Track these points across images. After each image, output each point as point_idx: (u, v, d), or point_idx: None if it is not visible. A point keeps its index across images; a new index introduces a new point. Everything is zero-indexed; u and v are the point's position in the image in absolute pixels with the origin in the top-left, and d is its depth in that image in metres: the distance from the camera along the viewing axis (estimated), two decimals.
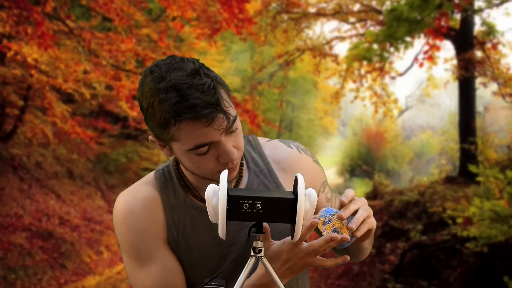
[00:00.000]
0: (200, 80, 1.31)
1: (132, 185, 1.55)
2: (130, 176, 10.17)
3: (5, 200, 7.68)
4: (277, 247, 1.35)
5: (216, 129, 1.32)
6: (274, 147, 1.57)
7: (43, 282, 7.05)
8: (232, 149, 1.37)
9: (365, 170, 13.13)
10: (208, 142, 1.34)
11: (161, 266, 1.47)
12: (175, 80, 1.31)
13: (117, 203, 1.52)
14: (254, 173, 1.52)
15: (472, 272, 6.92)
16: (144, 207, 1.48)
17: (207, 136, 1.33)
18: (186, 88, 1.30)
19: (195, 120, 1.30)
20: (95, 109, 9.39)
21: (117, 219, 1.50)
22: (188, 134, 1.33)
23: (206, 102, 1.30)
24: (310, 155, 1.60)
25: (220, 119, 1.32)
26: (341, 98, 11.14)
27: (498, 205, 6.65)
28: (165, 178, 1.52)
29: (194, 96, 1.30)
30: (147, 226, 1.48)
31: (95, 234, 8.27)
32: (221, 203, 1.22)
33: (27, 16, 6.98)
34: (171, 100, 1.30)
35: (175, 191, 1.50)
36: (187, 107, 1.30)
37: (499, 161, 8.21)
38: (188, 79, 1.31)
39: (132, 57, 8.11)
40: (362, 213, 1.34)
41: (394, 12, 8.84)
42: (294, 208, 1.24)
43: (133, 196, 1.50)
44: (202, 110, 1.29)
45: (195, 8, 8.16)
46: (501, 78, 9.37)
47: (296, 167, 1.54)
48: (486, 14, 9.40)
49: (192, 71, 1.32)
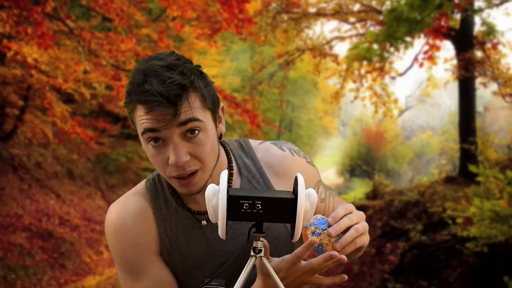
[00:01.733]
0: (170, 74, 1.33)
1: (123, 196, 1.54)
2: (130, 176, 10.16)
3: (5, 200, 7.68)
4: (275, 265, 1.33)
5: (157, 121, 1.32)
6: (266, 150, 1.55)
7: (43, 282, 7.05)
8: (182, 152, 1.34)
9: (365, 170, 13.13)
10: (155, 127, 1.33)
11: (154, 279, 1.46)
12: (149, 66, 1.34)
13: (108, 215, 1.50)
14: (246, 178, 1.51)
15: (472, 272, 6.93)
16: (135, 220, 1.47)
17: (153, 123, 1.33)
18: (152, 75, 1.32)
19: (141, 103, 1.33)
20: (95, 109, 9.39)
21: (109, 232, 1.49)
22: (139, 116, 1.35)
23: (158, 92, 1.30)
24: (303, 156, 1.57)
25: (164, 113, 1.31)
26: (341, 98, 11.14)
27: (498, 205, 6.65)
28: (156, 188, 1.51)
29: (152, 83, 1.31)
30: (139, 239, 1.46)
31: (95, 234, 8.27)
32: (221, 203, 1.22)
33: (27, 16, 6.98)
34: (134, 80, 1.34)
35: (167, 201, 1.49)
36: (140, 90, 1.32)
37: (499, 161, 8.21)
38: (160, 69, 1.33)
39: (132, 57, 8.10)
40: (351, 233, 1.31)
41: (394, 12, 8.84)
42: (294, 208, 1.24)
43: (124, 208, 1.49)
44: (148, 96, 1.31)
45: (195, 8, 8.16)
46: (501, 78, 9.37)
47: (289, 171, 1.52)
48: (486, 14, 9.41)
49: (170, 64, 1.34)
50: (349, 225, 1.32)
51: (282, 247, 1.50)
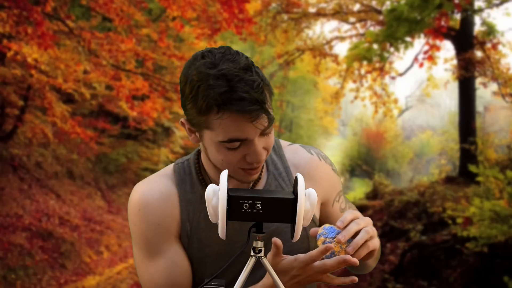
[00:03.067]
0: (251, 76, 1.32)
1: (150, 176, 1.55)
2: (130, 176, 10.16)
3: (5, 200, 7.68)
4: (287, 263, 1.34)
5: (256, 127, 1.33)
6: (295, 151, 1.58)
7: (43, 282, 7.05)
8: (262, 151, 1.38)
9: (365, 170, 13.13)
10: (243, 138, 1.34)
11: (169, 261, 1.47)
12: (227, 70, 1.31)
13: (133, 193, 1.51)
14: (273, 175, 1.53)
15: (472, 272, 6.93)
16: (159, 200, 1.48)
17: (244, 132, 1.33)
18: (236, 80, 1.30)
19: (239, 113, 1.30)
20: (95, 109, 9.39)
21: (132, 210, 1.49)
22: (226, 126, 1.33)
23: (254, 98, 1.30)
24: (329, 163, 1.60)
25: (262, 119, 1.33)
26: (341, 98, 11.14)
27: (498, 205, 6.65)
28: (184, 172, 1.52)
29: (243, 89, 1.30)
30: (161, 220, 1.48)
31: (95, 234, 8.27)
32: (221, 203, 1.22)
33: (27, 16, 6.98)
34: (219, 88, 1.30)
35: (193, 186, 1.50)
36: (235, 99, 1.30)
37: (499, 161, 8.21)
38: (240, 72, 1.31)
39: (132, 57, 8.10)
40: (362, 236, 1.32)
41: (394, 12, 8.84)
42: (294, 208, 1.24)
43: (150, 188, 1.50)
44: (248, 105, 1.30)
45: (195, 8, 8.16)
46: (501, 78, 9.37)
47: (315, 174, 1.54)
48: (486, 14, 9.41)
49: (245, 65, 1.33)
50: (357, 229, 1.33)
51: (298, 248, 1.50)
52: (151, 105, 8.21)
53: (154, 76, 8.57)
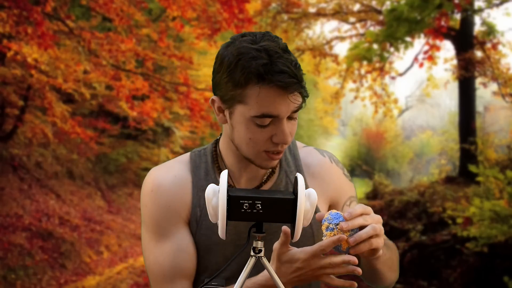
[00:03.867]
0: (290, 56, 1.37)
1: (166, 162, 1.59)
2: (130, 176, 10.16)
3: (5, 200, 7.68)
4: (293, 254, 1.35)
5: (291, 103, 1.36)
6: (308, 152, 1.61)
7: (43, 282, 7.04)
8: (289, 133, 1.40)
9: (365, 170, 13.12)
10: (275, 114, 1.36)
11: (175, 245, 1.49)
12: (268, 46, 1.36)
13: (148, 175, 1.55)
14: (284, 172, 1.55)
15: (472, 272, 6.93)
16: (173, 184, 1.51)
17: (277, 107, 1.36)
18: (277, 56, 1.35)
19: (277, 85, 1.34)
20: (95, 109, 9.39)
21: (145, 191, 1.53)
22: (262, 98, 1.35)
23: (293, 73, 1.34)
24: (341, 168, 1.62)
25: (298, 96, 1.37)
26: (341, 98, 11.14)
27: (498, 205, 6.65)
28: (200, 159, 1.55)
29: (284, 64, 1.34)
30: (172, 203, 1.50)
31: (95, 234, 8.27)
32: (221, 203, 1.22)
33: (27, 16, 6.97)
34: (262, 60, 1.34)
35: (207, 173, 1.53)
36: (276, 71, 1.33)
37: (499, 161, 8.21)
38: (280, 51, 1.36)
39: (132, 57, 8.10)
40: (367, 231, 1.30)
41: (394, 12, 8.83)
42: (294, 208, 1.24)
43: (165, 171, 1.54)
44: (288, 78, 1.34)
45: (195, 8, 8.16)
46: (501, 78, 9.37)
47: (325, 175, 1.57)
48: (486, 14, 9.41)
49: (284, 47, 1.38)
50: (363, 224, 1.30)
51: (306, 241, 1.49)
52: (151, 105, 8.21)
53: (154, 76, 8.57)
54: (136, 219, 9.00)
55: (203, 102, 8.29)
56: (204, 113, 8.38)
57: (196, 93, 8.50)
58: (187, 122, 9.58)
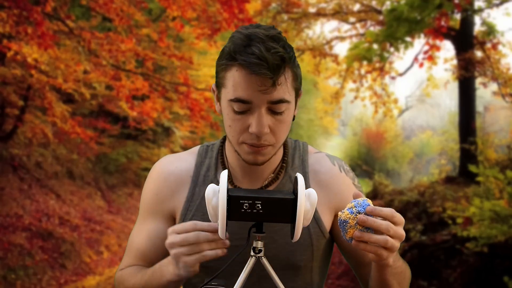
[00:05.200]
0: (274, 44, 1.34)
1: (180, 152, 1.63)
2: (130, 176, 10.16)
3: (5, 200, 7.68)
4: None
5: (257, 85, 1.33)
6: (318, 159, 1.57)
7: (43, 282, 7.04)
8: (265, 124, 1.36)
9: (365, 170, 13.13)
10: (247, 99, 1.35)
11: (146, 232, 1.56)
12: (254, 32, 1.36)
13: (158, 161, 1.62)
14: (289, 177, 1.53)
15: (472, 272, 6.92)
16: (171, 175, 1.56)
17: (249, 93, 1.34)
18: (258, 41, 1.34)
19: (245, 66, 1.33)
20: (95, 109, 9.39)
21: (150, 173, 1.61)
22: (235, 81, 1.35)
23: (264, 56, 1.31)
24: (351, 177, 1.58)
25: (265, 79, 1.33)
26: (341, 98, 11.15)
27: (498, 205, 6.64)
28: (206, 154, 1.57)
29: (258, 48, 1.32)
30: (160, 193, 1.56)
31: (95, 234, 8.27)
32: (221, 203, 1.22)
33: (27, 16, 6.97)
34: (239, 41, 1.35)
35: (208, 170, 1.55)
36: (247, 52, 1.33)
37: (499, 161, 8.20)
38: (265, 37, 1.34)
39: (132, 57, 8.10)
40: (377, 239, 1.23)
41: (394, 12, 8.83)
42: (294, 208, 1.24)
43: (170, 161, 1.59)
44: (254, 59, 1.32)
45: (195, 8, 8.16)
46: (501, 78, 9.37)
47: (333, 184, 1.53)
48: (486, 14, 9.42)
49: (274, 36, 1.36)
50: (380, 229, 1.23)
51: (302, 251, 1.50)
52: (151, 105, 8.21)
53: (154, 76, 8.57)
54: (136, 219, 9.00)
55: (203, 102, 8.29)
56: (204, 113, 8.38)
57: (196, 93, 8.50)
58: (187, 122, 9.58)
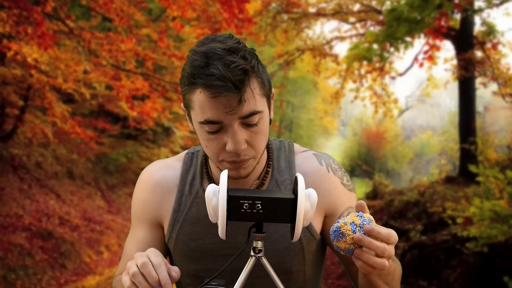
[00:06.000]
0: (233, 58, 1.30)
1: (166, 159, 1.61)
2: (130, 176, 10.16)
3: (5, 200, 7.68)
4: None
5: (224, 107, 1.30)
6: (305, 159, 1.54)
7: (43, 282, 7.04)
8: (241, 140, 1.34)
9: (365, 170, 13.13)
10: (217, 120, 1.32)
11: (136, 240, 1.55)
12: (210, 48, 1.31)
13: (145, 169, 1.60)
14: (275, 182, 1.51)
15: (472, 272, 6.92)
16: (156, 185, 1.54)
17: (217, 114, 1.31)
18: (215, 58, 1.29)
19: (206, 88, 1.29)
20: (95, 109, 9.39)
21: (138, 181, 1.60)
22: (201, 103, 1.32)
23: (224, 76, 1.27)
24: (339, 176, 1.54)
25: (231, 99, 1.29)
26: (341, 98, 11.14)
27: (498, 205, 6.64)
28: (191, 163, 1.55)
29: (217, 67, 1.28)
30: (147, 202, 1.55)
31: (95, 234, 8.27)
32: (221, 203, 1.22)
33: (27, 16, 6.97)
34: (196, 62, 1.31)
35: (194, 179, 1.53)
36: (205, 74, 1.29)
37: (499, 161, 8.20)
38: (223, 52, 1.30)
39: (132, 57, 8.10)
40: (375, 261, 1.20)
41: (394, 12, 8.83)
42: (294, 208, 1.24)
43: (157, 169, 1.57)
44: (215, 81, 1.27)
45: (195, 8, 8.16)
46: (501, 78, 9.37)
47: (320, 185, 1.49)
48: (486, 14, 9.41)
49: (231, 48, 1.31)
50: (377, 252, 1.20)
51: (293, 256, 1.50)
52: (151, 105, 8.21)
53: (154, 76, 8.57)
54: None
55: None
56: None
57: None
58: (187, 122, 9.57)
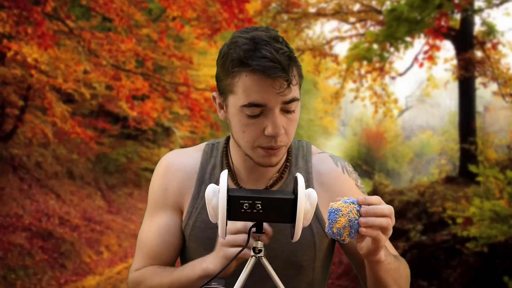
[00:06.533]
0: (279, 44, 1.36)
1: (186, 148, 1.64)
2: (130, 176, 10.16)
3: (5, 200, 7.68)
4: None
5: (275, 89, 1.33)
6: (322, 159, 1.58)
7: (43, 282, 7.04)
8: (281, 125, 1.37)
9: (365, 170, 13.12)
10: (262, 103, 1.35)
11: (156, 228, 1.55)
12: (257, 35, 1.36)
13: (164, 156, 1.62)
14: (292, 178, 1.53)
15: (472, 272, 6.92)
16: (177, 171, 1.56)
17: (264, 96, 1.34)
18: (263, 43, 1.34)
19: (259, 71, 1.33)
20: (95, 109, 9.39)
21: (156, 167, 1.61)
22: (247, 86, 1.35)
23: (276, 58, 1.32)
24: (354, 178, 1.59)
25: (282, 83, 1.34)
26: (341, 98, 11.14)
27: (498, 205, 6.64)
28: (211, 153, 1.57)
29: (268, 50, 1.33)
30: (169, 187, 1.56)
31: (95, 234, 8.27)
32: (221, 203, 1.22)
33: (27, 16, 6.97)
34: (245, 46, 1.35)
35: (214, 169, 1.55)
36: (258, 56, 1.33)
37: (499, 161, 8.20)
38: (269, 39, 1.36)
39: (132, 57, 8.10)
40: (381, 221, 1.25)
41: (394, 12, 8.83)
42: (294, 208, 1.24)
43: (178, 156, 1.59)
44: (269, 63, 1.32)
45: (195, 8, 8.16)
46: (501, 78, 9.36)
47: (335, 186, 1.54)
48: (486, 14, 9.40)
49: (275, 36, 1.38)
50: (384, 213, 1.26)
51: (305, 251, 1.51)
52: (151, 105, 8.21)
53: (154, 76, 8.57)
54: (136, 219, 9.00)
55: (203, 102, 8.29)
56: (204, 113, 8.38)
57: (196, 93, 8.50)
58: (187, 122, 9.58)
